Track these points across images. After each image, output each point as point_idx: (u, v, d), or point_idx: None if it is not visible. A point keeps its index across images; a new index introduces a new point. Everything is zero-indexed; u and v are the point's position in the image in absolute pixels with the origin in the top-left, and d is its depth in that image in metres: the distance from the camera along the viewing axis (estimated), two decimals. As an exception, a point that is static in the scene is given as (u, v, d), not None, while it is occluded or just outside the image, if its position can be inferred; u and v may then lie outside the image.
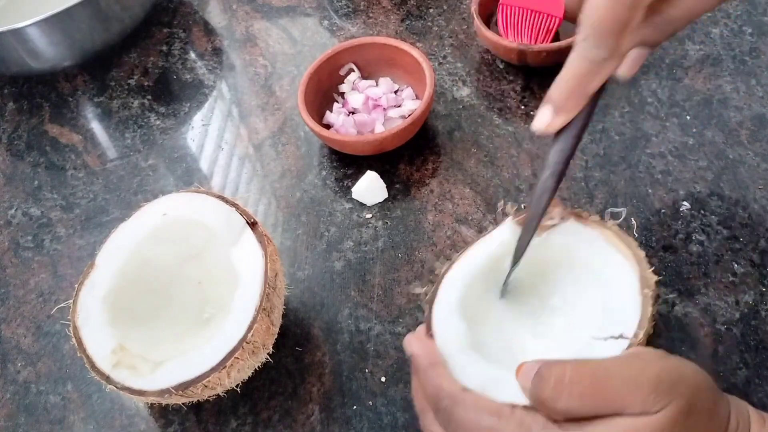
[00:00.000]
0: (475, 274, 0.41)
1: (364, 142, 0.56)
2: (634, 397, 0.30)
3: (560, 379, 0.31)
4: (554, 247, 0.41)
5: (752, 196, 0.52)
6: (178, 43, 0.75)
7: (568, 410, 0.31)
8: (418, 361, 0.37)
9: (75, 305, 0.43)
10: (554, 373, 0.31)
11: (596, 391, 0.30)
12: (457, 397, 0.34)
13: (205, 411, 0.47)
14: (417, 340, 0.38)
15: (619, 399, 0.30)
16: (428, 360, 0.37)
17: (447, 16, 0.71)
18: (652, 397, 0.30)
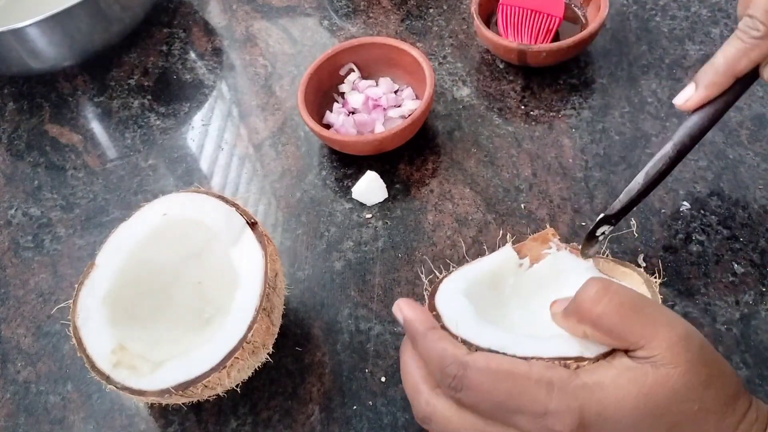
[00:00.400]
0: (478, 279, 0.41)
1: (364, 142, 0.56)
2: (664, 332, 0.30)
3: (606, 287, 0.31)
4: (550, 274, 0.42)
5: (752, 196, 0.52)
6: (178, 43, 0.75)
7: (600, 317, 0.31)
8: (413, 326, 0.35)
9: (75, 305, 0.43)
10: (600, 281, 0.32)
11: (634, 309, 0.31)
12: (465, 360, 0.32)
13: (205, 411, 0.47)
14: (408, 305, 0.36)
15: (650, 327, 0.30)
16: (425, 325, 0.35)
17: (447, 16, 0.71)
18: (680, 344, 0.30)
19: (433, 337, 0.34)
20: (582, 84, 0.62)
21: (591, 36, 0.59)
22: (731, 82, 0.39)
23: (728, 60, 0.39)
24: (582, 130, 0.59)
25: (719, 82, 0.39)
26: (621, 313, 0.31)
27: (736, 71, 0.39)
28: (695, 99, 0.40)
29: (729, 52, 0.39)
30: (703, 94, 0.40)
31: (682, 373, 0.29)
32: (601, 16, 0.59)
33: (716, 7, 0.66)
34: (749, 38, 0.38)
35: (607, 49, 0.64)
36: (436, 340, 0.33)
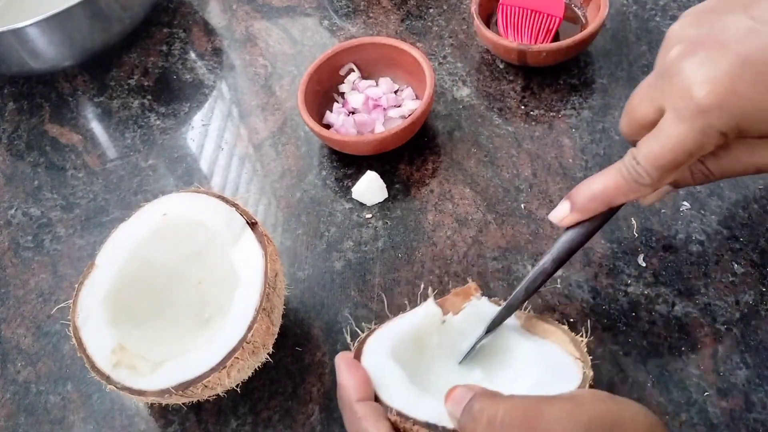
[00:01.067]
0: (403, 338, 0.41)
1: (364, 142, 0.56)
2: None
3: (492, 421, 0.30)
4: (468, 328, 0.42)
5: (752, 196, 0.52)
6: (178, 43, 0.75)
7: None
8: (345, 393, 0.36)
9: (75, 305, 0.43)
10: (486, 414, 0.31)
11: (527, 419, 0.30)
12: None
13: (205, 411, 0.47)
14: (348, 366, 0.37)
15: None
16: (357, 395, 0.36)
17: (447, 16, 0.71)
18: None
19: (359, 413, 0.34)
20: (582, 84, 0.62)
21: (591, 36, 0.59)
22: (605, 209, 0.39)
23: (607, 192, 0.38)
24: (582, 130, 0.59)
25: (593, 208, 0.39)
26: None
27: (611, 204, 0.38)
28: (569, 219, 0.39)
29: (609, 185, 0.38)
30: (578, 216, 0.39)
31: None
32: (601, 16, 0.59)
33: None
34: (632, 182, 0.37)
35: (607, 49, 0.64)
36: (359, 419, 0.34)
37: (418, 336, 0.42)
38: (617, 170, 0.37)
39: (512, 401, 0.31)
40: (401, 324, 0.42)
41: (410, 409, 0.35)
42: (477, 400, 0.32)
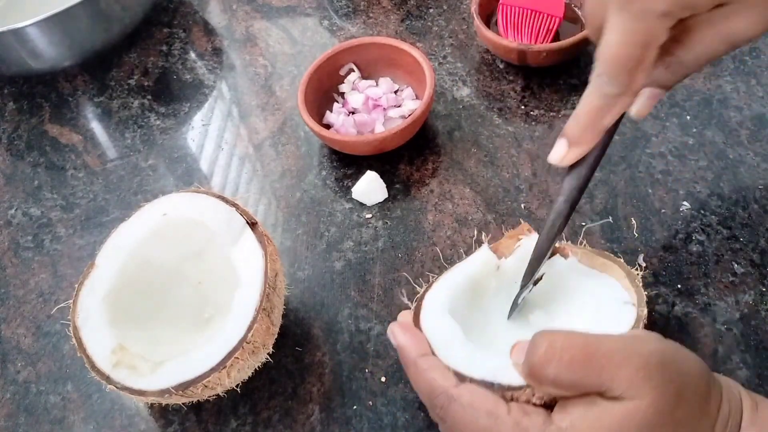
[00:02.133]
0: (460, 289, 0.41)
1: (364, 142, 0.56)
2: (622, 371, 0.30)
3: (552, 345, 0.31)
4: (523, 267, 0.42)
5: (752, 196, 0.52)
6: (178, 43, 0.75)
7: (557, 377, 0.31)
8: (404, 353, 0.36)
9: (75, 305, 0.43)
10: (547, 339, 0.31)
11: (586, 360, 0.30)
12: (451, 393, 0.34)
13: (205, 411, 0.47)
14: (402, 329, 0.37)
15: (607, 372, 0.30)
16: (417, 351, 0.36)
17: (447, 16, 0.71)
18: (640, 375, 0.30)
19: (423, 366, 0.35)
20: (582, 84, 0.62)
21: (591, 36, 0.59)
22: (601, 135, 0.37)
23: (591, 117, 0.36)
24: (582, 130, 0.59)
25: (588, 138, 0.37)
26: (574, 370, 0.31)
27: (602, 127, 0.37)
28: (570, 157, 0.38)
29: (589, 108, 0.36)
30: (576, 152, 0.38)
31: (649, 403, 0.30)
32: (601, 16, 0.59)
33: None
34: (605, 96, 0.35)
35: (607, 49, 0.64)
36: (425, 370, 0.35)
37: (475, 285, 0.42)
38: (589, 91, 0.36)
39: (573, 331, 0.32)
40: (458, 274, 0.42)
41: (466, 368, 0.35)
42: (538, 333, 0.32)
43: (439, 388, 0.34)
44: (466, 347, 0.37)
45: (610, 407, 0.30)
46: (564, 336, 0.31)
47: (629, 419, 0.30)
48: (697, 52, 0.37)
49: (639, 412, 0.29)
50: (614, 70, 0.34)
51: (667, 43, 0.35)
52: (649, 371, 0.30)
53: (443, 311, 0.39)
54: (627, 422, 0.30)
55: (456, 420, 0.33)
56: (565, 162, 0.38)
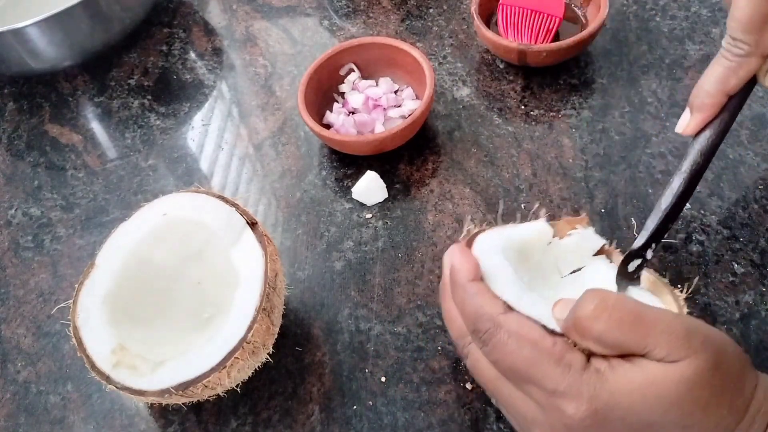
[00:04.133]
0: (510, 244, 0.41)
1: (364, 142, 0.56)
2: (665, 337, 0.31)
3: (604, 302, 0.32)
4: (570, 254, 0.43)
5: (752, 196, 0.52)
6: (178, 43, 0.75)
7: (602, 334, 0.31)
8: (458, 275, 0.36)
9: (75, 305, 0.43)
10: (599, 296, 0.32)
11: (634, 321, 0.31)
12: (498, 320, 0.34)
13: (205, 411, 0.47)
14: (461, 253, 0.37)
15: (652, 335, 0.31)
16: (469, 275, 0.36)
17: (447, 16, 0.71)
18: (682, 342, 0.31)
19: (473, 290, 0.35)
20: (582, 84, 0.62)
21: (591, 36, 0.59)
22: (725, 100, 0.39)
23: (717, 81, 0.38)
24: (582, 130, 0.59)
25: (713, 104, 0.39)
26: (621, 329, 0.31)
27: (727, 90, 0.39)
28: (693, 124, 0.40)
29: (716, 72, 0.38)
30: (700, 118, 0.39)
31: (688, 365, 0.30)
32: (601, 16, 0.59)
33: (716, 7, 0.66)
34: (734, 57, 0.38)
35: (607, 49, 0.64)
36: (474, 294, 0.35)
37: (524, 248, 0.42)
38: (718, 57, 0.38)
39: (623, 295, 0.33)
40: (511, 232, 0.42)
41: (516, 303, 0.35)
42: (590, 290, 0.33)
43: (487, 314, 0.34)
44: (516, 284, 0.36)
45: (651, 366, 0.31)
46: (615, 296, 0.32)
47: (668, 379, 0.31)
48: None
49: (677, 372, 0.30)
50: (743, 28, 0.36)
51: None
52: (690, 340, 0.31)
53: (497, 250, 0.39)
54: (666, 382, 0.31)
55: (500, 346, 0.33)
56: (690, 129, 0.40)
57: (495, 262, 0.38)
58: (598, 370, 0.32)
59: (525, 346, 0.33)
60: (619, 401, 0.31)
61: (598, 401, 0.31)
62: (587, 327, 0.32)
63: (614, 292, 0.33)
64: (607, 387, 0.31)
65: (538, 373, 0.32)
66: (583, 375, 0.32)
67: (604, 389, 0.31)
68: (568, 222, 0.43)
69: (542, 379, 0.32)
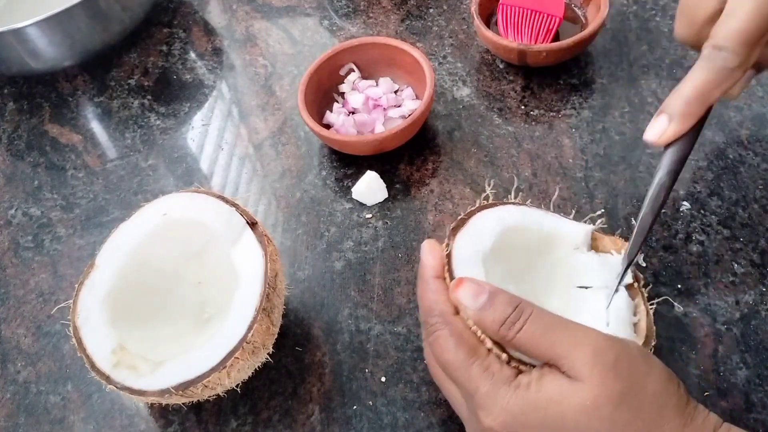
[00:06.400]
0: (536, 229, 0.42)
1: (364, 142, 0.56)
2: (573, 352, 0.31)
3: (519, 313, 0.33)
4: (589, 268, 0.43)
5: (752, 196, 0.52)
6: (178, 43, 0.75)
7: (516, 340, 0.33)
8: (423, 270, 0.38)
9: (75, 305, 0.43)
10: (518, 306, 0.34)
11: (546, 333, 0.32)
12: (447, 318, 0.35)
13: (205, 411, 0.47)
14: (430, 249, 0.39)
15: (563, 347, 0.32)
16: (433, 272, 0.38)
17: (447, 16, 0.71)
18: (586, 360, 0.31)
19: (433, 287, 0.37)
20: (582, 84, 0.62)
21: (591, 36, 0.59)
22: (705, 110, 0.38)
23: (701, 92, 0.37)
24: (582, 130, 0.59)
25: (693, 113, 0.38)
26: (532, 341, 0.33)
27: (709, 101, 0.37)
28: (671, 133, 0.38)
29: (700, 83, 0.37)
30: (679, 128, 0.38)
31: (589, 389, 0.30)
32: (601, 16, 0.59)
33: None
34: (721, 68, 0.36)
35: (607, 49, 0.64)
36: (433, 291, 0.37)
37: (549, 239, 0.43)
38: (701, 67, 0.37)
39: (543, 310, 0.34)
40: (547, 218, 0.43)
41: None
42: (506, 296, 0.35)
43: (438, 310, 0.36)
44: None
45: (556, 382, 0.32)
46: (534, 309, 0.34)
47: (569, 398, 0.31)
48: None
49: (577, 396, 0.31)
50: (739, 42, 0.35)
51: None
52: (598, 361, 0.31)
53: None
54: (565, 400, 0.31)
55: (440, 341, 0.35)
56: (665, 138, 0.38)
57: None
58: (520, 385, 0.32)
59: (461, 348, 0.34)
60: (525, 416, 0.32)
61: (507, 415, 0.32)
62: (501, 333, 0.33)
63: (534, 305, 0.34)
64: (520, 401, 0.32)
65: (463, 376, 0.34)
66: (501, 387, 0.32)
67: (516, 403, 0.32)
68: (614, 242, 0.43)
69: (466, 382, 0.34)
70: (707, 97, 0.37)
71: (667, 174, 0.39)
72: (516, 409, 0.32)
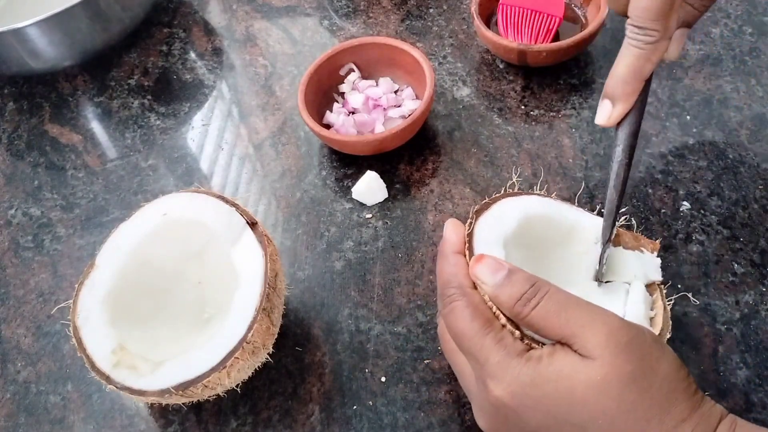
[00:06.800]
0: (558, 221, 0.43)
1: (364, 142, 0.56)
2: (585, 331, 0.31)
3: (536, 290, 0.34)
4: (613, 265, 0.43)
5: (752, 196, 0.52)
6: (178, 43, 0.75)
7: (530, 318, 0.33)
8: (444, 245, 0.39)
9: (75, 305, 0.43)
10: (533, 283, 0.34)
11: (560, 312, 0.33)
12: (465, 291, 0.36)
13: (205, 411, 0.47)
14: (454, 227, 0.39)
15: (576, 327, 0.32)
16: (454, 247, 0.38)
17: (447, 16, 0.71)
18: (599, 340, 0.31)
19: (453, 261, 0.38)
20: (582, 84, 0.62)
21: (591, 36, 0.59)
22: (642, 85, 0.40)
23: (633, 70, 0.39)
24: (582, 130, 0.59)
25: (632, 91, 0.40)
26: (547, 318, 0.33)
27: (643, 76, 0.39)
28: (617, 114, 0.40)
29: (630, 61, 0.39)
30: (622, 107, 0.40)
31: (600, 365, 0.31)
32: (601, 16, 0.59)
33: (716, 7, 0.66)
34: (645, 45, 0.38)
35: (607, 49, 0.64)
36: (453, 264, 0.37)
37: (571, 231, 0.43)
38: (627, 46, 0.39)
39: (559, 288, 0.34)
40: (572, 211, 0.43)
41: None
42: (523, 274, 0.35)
43: (456, 282, 0.36)
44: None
45: (568, 358, 0.32)
46: (548, 287, 0.34)
47: (578, 375, 0.31)
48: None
49: (587, 373, 0.31)
50: (651, 17, 0.37)
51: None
52: (609, 342, 0.31)
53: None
54: (575, 376, 0.31)
55: (456, 311, 0.35)
56: (613, 120, 0.41)
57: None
58: (531, 358, 0.33)
59: (477, 319, 0.34)
60: (535, 388, 0.32)
61: (517, 385, 0.32)
62: (516, 310, 0.34)
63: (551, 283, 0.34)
64: (531, 372, 0.32)
65: (476, 346, 0.34)
66: (514, 359, 0.33)
67: (526, 375, 0.32)
68: (636, 238, 0.44)
69: (478, 352, 0.34)
70: (641, 73, 0.39)
71: (623, 151, 0.41)
72: (526, 380, 0.32)
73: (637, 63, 0.38)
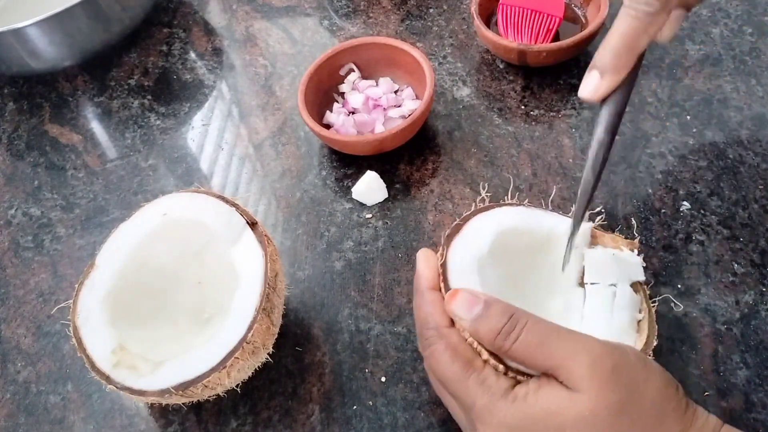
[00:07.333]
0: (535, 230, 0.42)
1: (364, 142, 0.56)
2: (568, 362, 0.31)
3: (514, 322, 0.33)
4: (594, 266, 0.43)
5: (752, 196, 0.52)
6: (178, 43, 0.75)
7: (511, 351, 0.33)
8: (419, 281, 0.38)
9: (75, 305, 0.43)
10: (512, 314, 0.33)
11: (542, 343, 0.32)
12: (442, 332, 0.35)
13: (205, 411, 0.47)
14: (425, 259, 0.39)
15: (558, 358, 0.31)
16: (428, 282, 0.38)
17: (447, 16, 0.71)
18: (584, 372, 0.30)
19: (428, 299, 0.37)
20: (582, 84, 0.62)
21: (591, 36, 0.59)
22: (635, 60, 0.37)
23: (628, 41, 0.36)
24: (582, 130, 0.59)
25: (624, 64, 0.37)
26: (528, 351, 0.32)
27: (638, 50, 0.37)
28: (605, 88, 0.37)
29: (625, 31, 0.36)
30: (613, 80, 0.37)
31: (587, 399, 0.30)
32: (601, 16, 0.59)
33: (716, 7, 0.66)
34: (644, 15, 0.36)
35: (607, 49, 0.64)
36: (428, 302, 0.37)
37: (548, 239, 0.42)
38: (625, 15, 0.37)
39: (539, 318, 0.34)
40: (546, 217, 0.42)
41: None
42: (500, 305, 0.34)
43: (433, 323, 0.36)
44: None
45: (555, 392, 0.31)
46: (527, 317, 0.33)
47: (566, 411, 0.31)
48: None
49: (575, 407, 0.30)
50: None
51: None
52: (596, 371, 0.30)
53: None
54: (564, 411, 0.31)
55: (436, 355, 0.35)
56: (599, 93, 0.38)
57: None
58: (517, 398, 0.32)
59: (456, 362, 0.34)
60: (525, 429, 0.31)
61: (505, 428, 0.32)
62: (497, 343, 0.33)
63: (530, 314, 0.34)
64: (518, 414, 0.32)
65: (460, 389, 0.34)
66: (499, 400, 0.32)
67: (514, 416, 0.32)
68: (614, 239, 0.43)
69: (463, 395, 0.33)
70: (635, 46, 0.37)
71: (605, 131, 0.38)
72: (514, 422, 0.32)
73: (632, 34, 0.36)
